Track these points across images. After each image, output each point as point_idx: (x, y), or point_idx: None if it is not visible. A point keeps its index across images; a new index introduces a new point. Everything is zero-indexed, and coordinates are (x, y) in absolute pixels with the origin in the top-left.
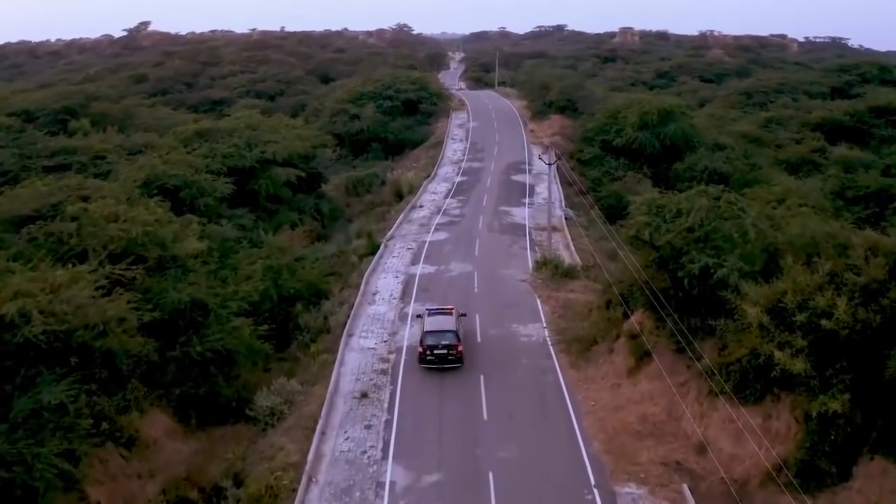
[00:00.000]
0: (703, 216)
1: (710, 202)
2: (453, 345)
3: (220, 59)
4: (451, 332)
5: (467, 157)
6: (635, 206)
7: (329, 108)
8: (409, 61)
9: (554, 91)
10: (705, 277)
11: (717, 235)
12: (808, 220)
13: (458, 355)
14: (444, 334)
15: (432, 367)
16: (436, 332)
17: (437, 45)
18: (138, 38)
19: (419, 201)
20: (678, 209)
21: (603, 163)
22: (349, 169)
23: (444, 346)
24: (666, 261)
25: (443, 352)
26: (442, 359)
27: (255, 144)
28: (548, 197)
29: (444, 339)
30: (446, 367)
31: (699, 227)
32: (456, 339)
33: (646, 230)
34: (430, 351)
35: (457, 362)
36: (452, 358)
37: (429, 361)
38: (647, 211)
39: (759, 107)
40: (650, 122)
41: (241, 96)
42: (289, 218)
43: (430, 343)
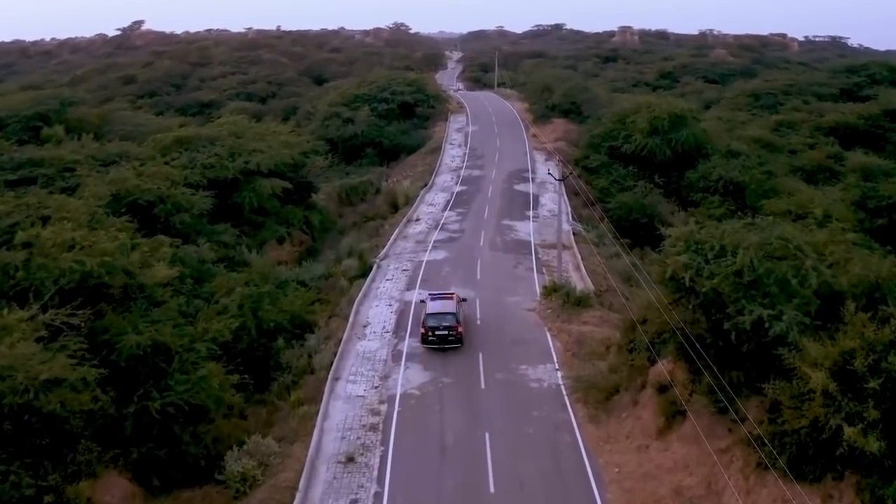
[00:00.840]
0: (754, 256)
1: (760, 238)
2: (453, 326)
3: (210, 60)
4: (451, 314)
5: (466, 164)
6: (670, 241)
7: (321, 111)
8: (405, 62)
9: (557, 94)
10: (758, 332)
11: (771, 280)
12: (870, 259)
13: (458, 336)
14: (444, 316)
15: (433, 346)
16: (437, 315)
17: (435, 44)
18: (132, 37)
19: (415, 214)
20: (721, 246)
21: (611, 171)
22: (342, 176)
23: (445, 328)
24: (708, 308)
25: (444, 332)
26: (443, 339)
27: (238, 154)
28: (556, 213)
29: (444, 321)
30: (447, 347)
31: (749, 271)
32: (455, 322)
33: (685, 273)
34: (432, 332)
35: (456, 342)
36: (453, 338)
37: (430, 342)
38: (684, 248)
39: (767, 109)
40: (660, 127)
41: (230, 98)
42: (276, 232)
43: (432, 324)
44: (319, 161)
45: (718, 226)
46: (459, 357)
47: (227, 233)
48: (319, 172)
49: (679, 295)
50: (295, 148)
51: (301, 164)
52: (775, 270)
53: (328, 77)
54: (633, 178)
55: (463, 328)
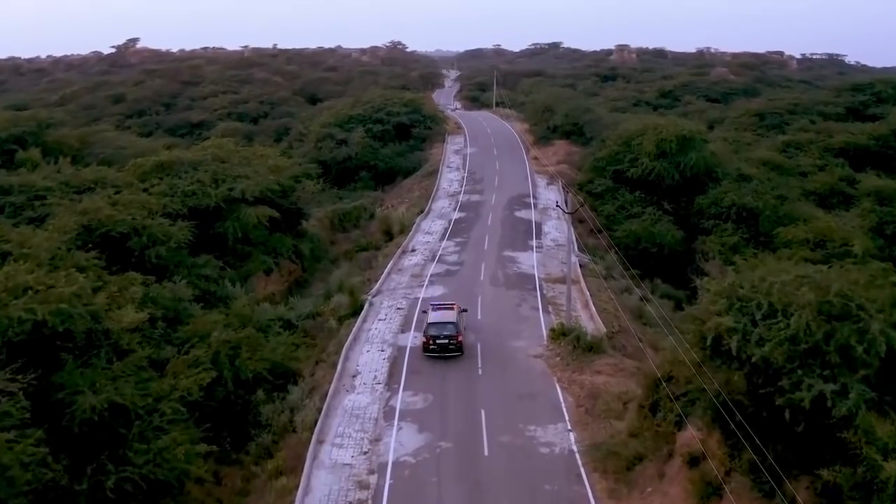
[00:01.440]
0: (810, 318)
1: (817, 295)
2: (454, 335)
3: (202, 79)
4: (452, 324)
5: (465, 189)
6: (709, 296)
7: (314, 132)
8: (401, 81)
9: (558, 114)
10: (819, 410)
11: (832, 347)
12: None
13: (459, 344)
14: (445, 325)
15: (434, 355)
16: (438, 324)
17: (432, 62)
18: (126, 55)
19: (411, 244)
20: (770, 304)
21: (616, 196)
22: (335, 200)
23: (446, 337)
24: (754, 377)
25: (444, 341)
26: (443, 348)
27: (222, 180)
28: (562, 242)
29: (445, 330)
30: (447, 356)
31: (806, 336)
32: (456, 331)
33: (732, 338)
34: (433, 341)
35: (457, 351)
36: (453, 347)
37: (432, 350)
38: (726, 306)
39: (773, 129)
40: (668, 150)
41: (221, 119)
42: (262, 263)
43: (433, 333)
44: (310, 186)
45: (764, 277)
46: (460, 414)
47: (208, 265)
48: (311, 198)
49: (720, 361)
50: (284, 172)
51: (291, 189)
52: (836, 335)
53: (322, 96)
54: (640, 203)
55: (463, 337)
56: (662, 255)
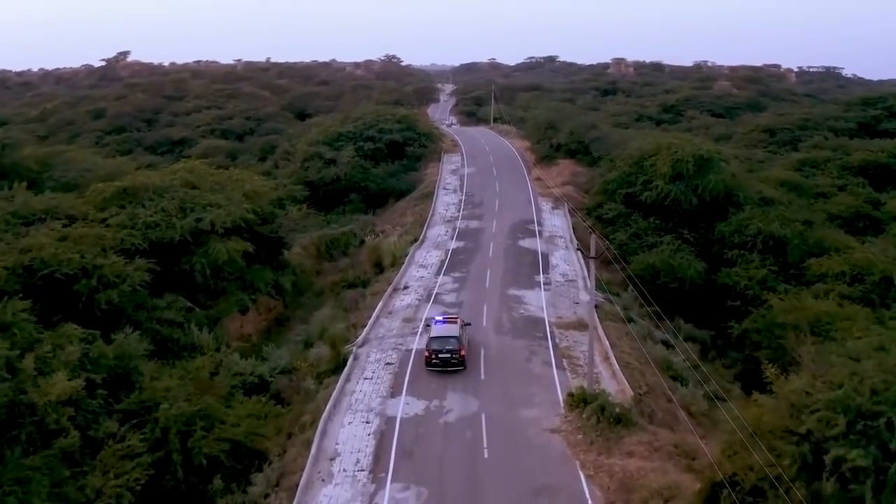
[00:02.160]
0: None
1: None
2: (456, 349)
3: (186, 93)
4: (454, 338)
5: (463, 214)
6: (796, 397)
7: (301, 151)
8: (395, 95)
9: (562, 132)
10: None
11: None
12: None
13: (461, 359)
14: (448, 340)
15: (437, 369)
16: (441, 338)
17: (427, 76)
18: (116, 68)
19: (403, 279)
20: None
21: (629, 222)
22: (322, 225)
23: (448, 351)
24: None
25: (447, 356)
26: (446, 362)
27: (190, 209)
28: (572, 278)
29: (448, 345)
30: (449, 370)
31: None
32: (459, 345)
33: (864, 482)
34: (436, 355)
35: (459, 365)
36: (455, 361)
37: (434, 364)
38: (844, 426)
39: (785, 146)
40: (685, 172)
41: (204, 136)
42: (237, 302)
43: (436, 347)
44: (293, 213)
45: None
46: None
47: (173, 307)
48: (295, 224)
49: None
50: (263, 197)
51: (271, 216)
52: None
53: (312, 112)
54: (655, 231)
55: (466, 351)
56: (683, 290)
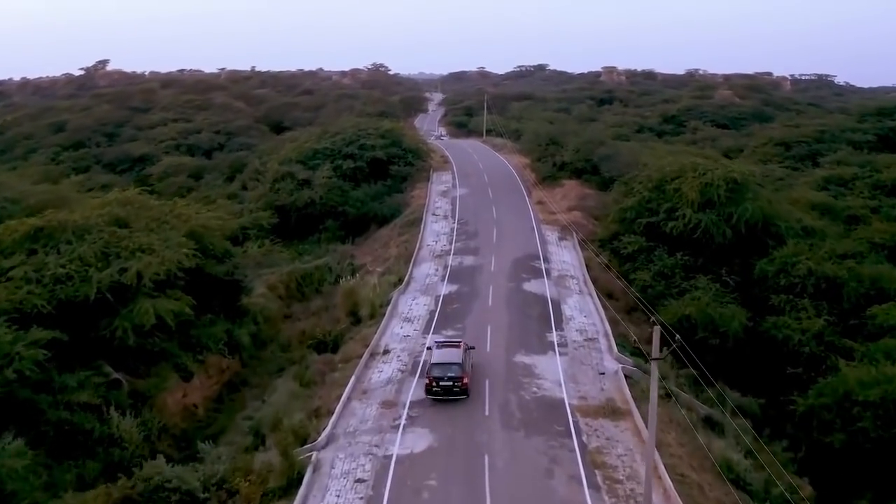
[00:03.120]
0: None
1: None
2: (459, 377)
3: (154, 104)
4: (456, 364)
5: (455, 247)
6: None
7: (272, 170)
8: (380, 106)
9: (568, 149)
10: None
11: None
12: None
13: (464, 387)
14: (450, 366)
15: (438, 398)
16: (442, 365)
17: (415, 85)
18: (95, 76)
19: (383, 340)
20: None
21: (653, 258)
22: (295, 257)
23: (450, 378)
24: None
25: (448, 384)
26: (447, 390)
27: (114, 255)
28: (592, 336)
29: (450, 372)
30: (451, 399)
31: None
32: (461, 372)
33: None
34: (437, 382)
35: (462, 394)
36: (458, 389)
37: (435, 392)
38: None
39: (801, 161)
40: (716, 198)
41: (167, 152)
42: (178, 367)
43: (437, 375)
44: (253, 251)
45: None
46: None
47: (88, 386)
48: (261, 258)
49: None
50: (214, 234)
51: (226, 255)
52: None
53: (289, 124)
54: (684, 269)
55: (469, 379)
56: (725, 346)
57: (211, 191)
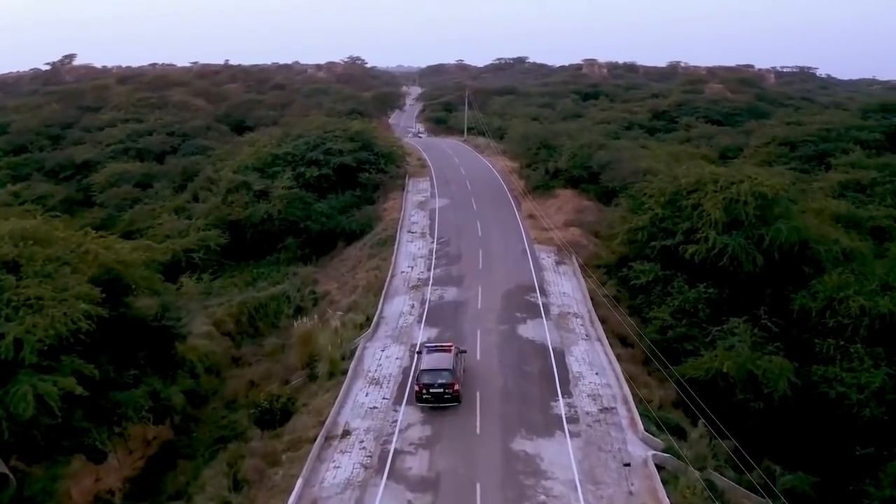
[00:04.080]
0: None
1: None
2: (450, 383)
3: (106, 103)
4: (447, 370)
5: (435, 274)
6: None
7: (225, 179)
8: (350, 104)
9: (563, 154)
10: None
11: None
12: None
13: (455, 394)
14: (440, 373)
15: (428, 405)
16: (432, 371)
17: (392, 78)
18: (62, 72)
19: (342, 418)
20: None
21: (670, 290)
22: (248, 282)
23: (441, 385)
24: None
25: (439, 390)
26: (438, 397)
27: None
28: (608, 405)
29: (440, 378)
30: (442, 406)
31: None
32: (452, 378)
33: None
34: (427, 389)
35: (453, 401)
36: (449, 396)
37: (425, 400)
38: None
39: (809, 162)
40: (743, 217)
41: (114, 156)
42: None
43: (427, 381)
44: (188, 286)
45: None
46: None
47: None
48: (207, 287)
49: None
50: (135, 271)
51: (155, 294)
52: None
53: (252, 124)
54: (706, 305)
55: (460, 385)
56: (771, 409)
57: (159, 202)
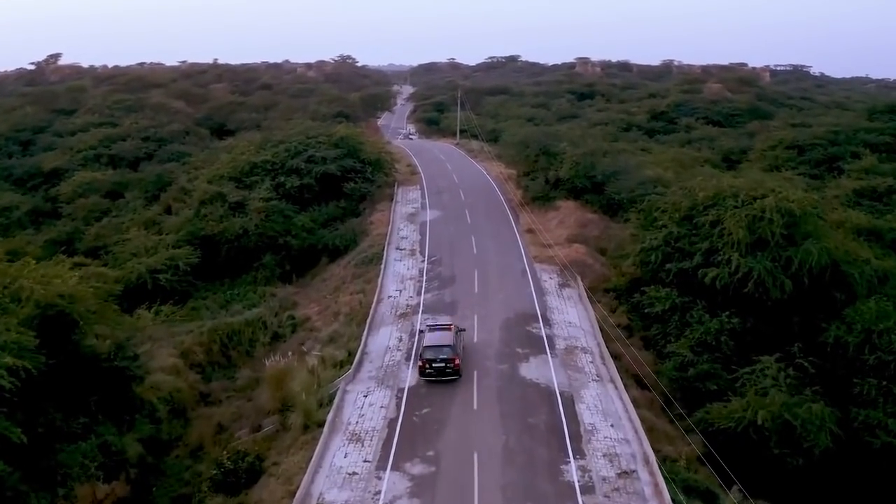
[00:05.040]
0: None
1: None
2: (451, 358)
3: (81, 105)
4: (448, 346)
5: (425, 300)
6: None
7: (199, 190)
8: (336, 106)
9: (564, 163)
10: None
11: None
12: None
13: (456, 368)
14: (441, 349)
15: (431, 378)
16: (434, 347)
17: (383, 77)
18: (47, 71)
19: (315, 488)
20: None
21: (689, 320)
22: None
23: (442, 360)
24: None
25: (441, 365)
26: (440, 371)
27: None
28: (628, 467)
29: (441, 354)
30: (444, 380)
31: None
32: (453, 354)
33: None
34: (430, 364)
35: (454, 375)
36: (450, 371)
37: (428, 374)
38: None
39: (818, 167)
40: (769, 237)
41: (84, 164)
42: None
43: (429, 357)
44: (145, 319)
45: None
46: None
47: None
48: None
49: None
50: (88, 303)
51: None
52: None
53: (234, 127)
54: (730, 337)
55: (460, 360)
56: (811, 463)
57: (129, 214)
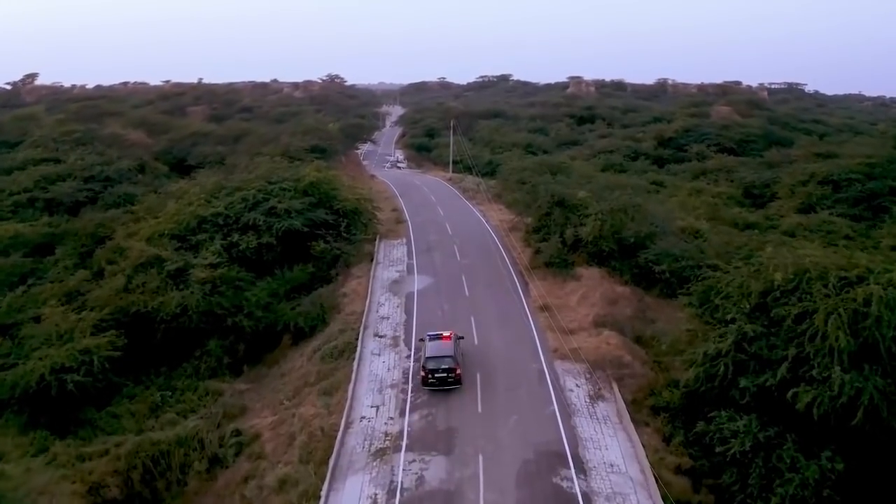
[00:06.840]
0: None
1: None
2: (452, 368)
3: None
4: (449, 356)
5: (411, 425)
6: None
7: (134, 251)
8: (312, 138)
9: (588, 221)
10: None
11: None
12: None
13: (457, 377)
14: (443, 359)
15: (433, 388)
16: (436, 357)
17: (372, 97)
18: (22, 92)
19: None
20: None
21: (778, 465)
22: (152, 407)
23: (444, 370)
24: None
25: (443, 375)
26: (442, 381)
27: None
28: None
29: (443, 364)
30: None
31: None
32: (454, 363)
33: None
34: (432, 374)
35: (456, 383)
36: (452, 380)
37: (430, 384)
38: None
39: (858, 206)
40: (879, 341)
41: (15, 210)
42: None
43: (431, 367)
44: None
45: None
46: None
47: None
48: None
49: None
50: None
51: None
52: None
53: (195, 163)
54: (834, 491)
55: (461, 369)
56: None
57: (52, 279)
